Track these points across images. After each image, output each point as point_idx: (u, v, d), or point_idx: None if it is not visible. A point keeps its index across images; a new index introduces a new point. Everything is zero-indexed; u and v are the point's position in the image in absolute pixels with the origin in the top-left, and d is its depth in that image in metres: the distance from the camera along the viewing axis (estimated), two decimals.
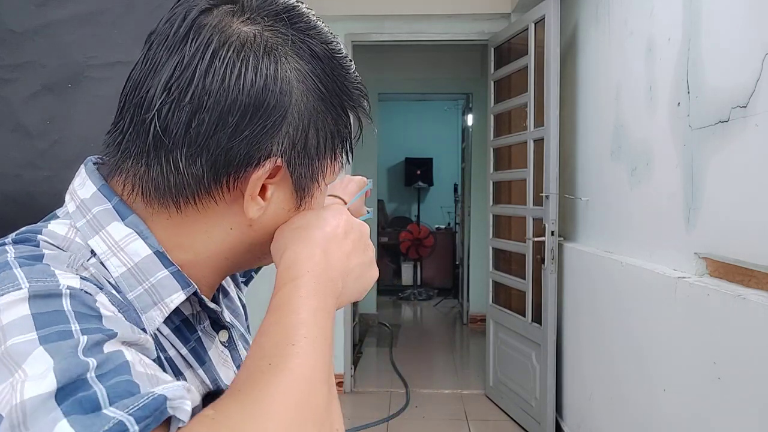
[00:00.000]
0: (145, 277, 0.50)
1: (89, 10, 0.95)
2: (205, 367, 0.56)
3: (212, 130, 0.48)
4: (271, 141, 0.50)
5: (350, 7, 3.73)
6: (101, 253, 0.50)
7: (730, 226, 1.58)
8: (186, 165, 0.49)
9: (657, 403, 1.91)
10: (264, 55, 0.49)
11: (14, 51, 0.93)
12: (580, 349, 2.77)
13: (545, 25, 2.94)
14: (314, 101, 0.52)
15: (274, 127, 0.50)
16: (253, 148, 0.49)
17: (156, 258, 0.51)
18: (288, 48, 0.51)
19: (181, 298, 0.52)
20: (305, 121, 0.51)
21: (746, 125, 1.50)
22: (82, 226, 0.51)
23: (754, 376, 1.40)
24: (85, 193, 0.52)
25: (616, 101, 2.42)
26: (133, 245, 0.50)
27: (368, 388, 3.94)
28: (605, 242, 2.54)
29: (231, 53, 0.48)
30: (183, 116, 0.48)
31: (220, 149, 0.48)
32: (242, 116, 0.48)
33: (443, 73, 5.61)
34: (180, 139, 0.48)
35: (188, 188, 0.50)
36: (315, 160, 0.54)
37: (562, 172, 3.00)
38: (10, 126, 0.93)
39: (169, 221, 0.52)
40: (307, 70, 0.51)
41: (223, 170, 0.49)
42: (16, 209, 0.94)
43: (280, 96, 0.49)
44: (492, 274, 3.69)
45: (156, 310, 0.50)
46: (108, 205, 0.51)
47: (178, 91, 0.48)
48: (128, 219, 0.51)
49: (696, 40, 1.76)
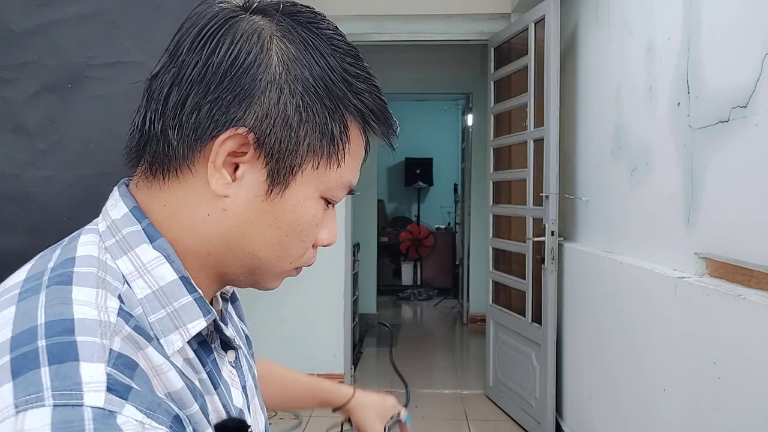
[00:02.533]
0: (168, 301, 0.51)
1: (89, 10, 0.95)
2: (219, 392, 0.56)
3: (184, 98, 0.50)
4: (239, 108, 0.50)
5: (350, 7, 3.74)
6: (128, 274, 0.50)
7: (730, 226, 1.58)
8: (171, 137, 0.51)
9: (657, 403, 1.91)
10: (247, 31, 0.51)
11: (14, 51, 0.93)
12: (580, 349, 2.77)
13: (545, 25, 2.94)
14: (302, 89, 0.51)
15: (243, 95, 0.50)
16: (218, 112, 0.50)
17: (181, 283, 0.52)
18: (277, 32, 0.52)
19: (202, 324, 0.52)
20: (286, 104, 0.51)
21: (746, 125, 1.50)
22: (110, 246, 0.52)
23: (754, 376, 1.40)
24: (117, 214, 0.53)
25: (616, 101, 2.42)
26: (160, 269, 0.51)
27: (368, 388, 3.93)
28: (605, 242, 2.54)
29: (212, 28, 0.51)
30: (167, 78, 0.51)
31: (192, 112, 0.50)
32: (215, 83, 0.50)
33: (443, 73, 5.61)
34: (166, 105, 0.51)
35: (171, 158, 0.52)
36: (293, 149, 0.52)
37: (562, 172, 3.00)
38: (10, 126, 0.93)
39: (165, 208, 0.54)
40: (296, 55, 0.52)
41: (193, 134, 0.51)
42: (16, 209, 0.95)
43: (254, 65, 0.50)
44: (492, 274, 3.69)
45: (176, 335, 0.51)
46: (138, 227, 0.52)
47: (170, 58, 0.52)
48: (157, 242, 0.52)
49: (696, 40, 1.76)
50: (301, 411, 3.49)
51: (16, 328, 0.44)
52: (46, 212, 0.99)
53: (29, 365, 0.41)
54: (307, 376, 1.04)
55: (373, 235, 5.65)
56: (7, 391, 0.40)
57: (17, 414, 0.39)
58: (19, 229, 0.95)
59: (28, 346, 0.43)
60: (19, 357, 0.42)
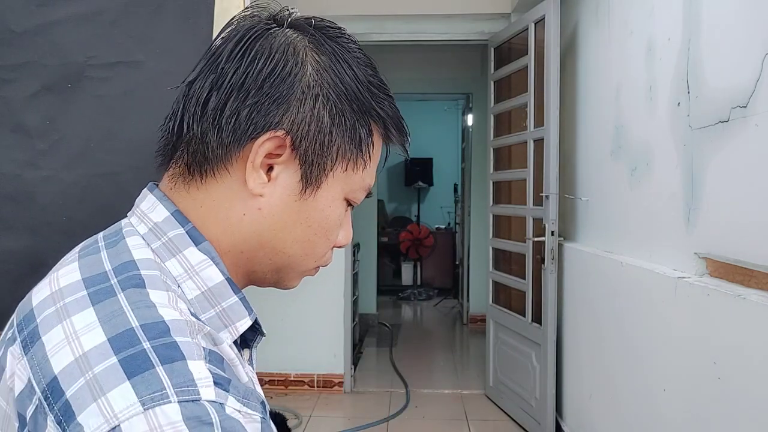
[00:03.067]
0: (217, 301, 0.54)
1: (89, 10, 0.95)
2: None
3: (224, 102, 0.53)
4: (276, 112, 0.53)
5: (350, 7, 3.74)
6: (177, 276, 0.53)
7: (730, 226, 1.59)
8: (211, 138, 0.54)
9: (657, 403, 1.91)
10: (283, 43, 0.55)
11: (14, 51, 0.93)
12: (580, 349, 2.77)
13: (545, 25, 2.94)
14: (335, 96, 0.55)
15: (281, 101, 0.53)
16: (258, 116, 0.53)
17: (227, 284, 0.54)
18: (309, 43, 0.56)
19: (247, 323, 0.55)
20: (320, 109, 0.55)
21: (746, 125, 1.50)
22: (158, 248, 0.53)
23: (754, 376, 1.40)
24: (157, 217, 0.55)
25: (616, 101, 2.42)
26: (208, 270, 0.54)
27: (368, 388, 3.94)
28: (605, 242, 2.54)
29: (250, 39, 0.54)
30: (205, 84, 0.54)
31: (232, 116, 0.53)
32: (255, 88, 0.53)
33: (443, 73, 5.61)
34: (205, 110, 0.54)
35: (210, 159, 0.54)
36: (326, 151, 0.56)
37: (562, 172, 3.00)
38: (10, 126, 0.93)
39: (202, 209, 0.55)
40: (328, 66, 0.55)
41: (232, 136, 0.53)
42: (16, 209, 0.95)
43: (291, 74, 0.54)
44: (492, 274, 3.69)
45: (226, 333, 0.54)
46: (181, 230, 0.54)
47: (207, 67, 0.55)
48: (201, 245, 0.54)
49: (696, 40, 1.76)
50: (301, 411, 3.49)
51: (109, 331, 0.45)
52: (46, 212, 0.99)
53: (143, 366, 0.43)
54: None
55: (373, 235, 5.65)
56: (127, 390, 0.41)
57: (146, 411, 0.40)
58: (19, 228, 0.95)
59: (134, 348, 0.44)
60: (129, 358, 0.43)
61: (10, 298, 0.60)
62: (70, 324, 0.46)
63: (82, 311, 0.47)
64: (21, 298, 0.53)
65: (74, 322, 0.46)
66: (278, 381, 3.86)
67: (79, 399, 0.42)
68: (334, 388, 3.85)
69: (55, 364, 0.44)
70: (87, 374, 0.42)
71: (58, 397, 0.42)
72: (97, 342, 0.44)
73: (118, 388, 0.41)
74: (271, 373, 3.84)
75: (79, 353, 0.44)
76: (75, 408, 0.41)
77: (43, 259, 0.94)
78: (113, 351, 0.43)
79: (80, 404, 0.41)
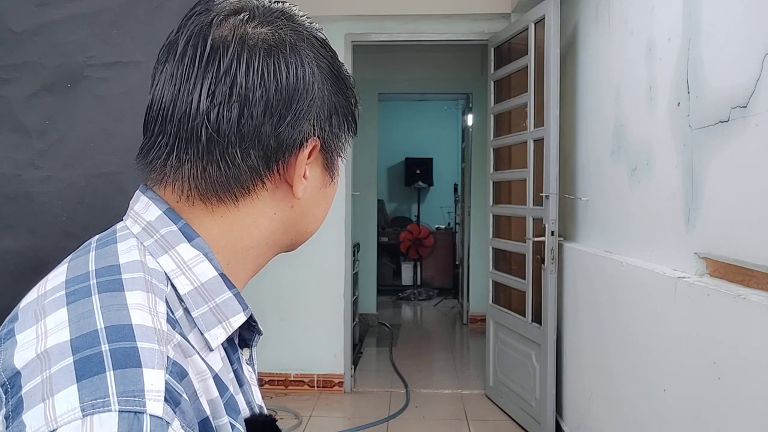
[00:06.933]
0: (210, 296, 0.54)
1: (89, 10, 0.95)
2: (244, 389, 0.58)
3: (260, 122, 0.54)
4: (307, 123, 0.56)
5: (350, 7, 3.74)
6: (170, 271, 0.53)
7: (730, 226, 1.58)
8: (241, 158, 0.54)
9: (657, 403, 1.91)
10: (290, 51, 0.55)
11: (14, 51, 0.93)
12: (580, 349, 2.77)
13: (545, 25, 2.94)
14: (330, 84, 0.59)
15: (308, 111, 0.56)
16: (295, 132, 0.56)
17: (221, 280, 0.55)
18: (303, 42, 0.57)
19: (242, 319, 0.55)
20: (327, 102, 0.58)
21: (746, 125, 1.50)
22: (150, 246, 0.54)
23: (754, 376, 1.40)
24: (150, 216, 0.55)
25: (616, 101, 2.42)
26: (201, 266, 0.54)
27: (368, 388, 3.94)
28: (605, 242, 2.54)
29: (263, 54, 0.54)
30: (233, 114, 0.53)
31: (270, 137, 0.54)
32: (283, 105, 0.54)
33: (443, 73, 5.61)
34: (233, 135, 0.53)
35: (245, 179, 0.55)
36: (339, 137, 0.61)
37: (562, 172, 3.00)
38: (10, 126, 0.93)
39: (223, 219, 0.56)
40: (319, 58, 0.58)
41: (274, 156, 0.55)
42: (16, 209, 0.95)
43: (307, 83, 0.56)
44: (492, 274, 3.69)
45: (219, 329, 0.54)
46: (174, 227, 0.55)
47: (223, 95, 0.53)
48: (194, 241, 0.55)
49: (696, 40, 1.76)
50: (301, 411, 3.49)
51: (74, 331, 0.45)
52: (46, 212, 0.99)
53: (94, 369, 0.42)
54: None
55: (373, 235, 5.65)
56: (72, 393, 0.41)
57: (84, 418, 0.40)
58: (18, 228, 0.95)
59: (91, 349, 0.43)
60: (83, 360, 0.42)
61: (9, 298, 0.60)
62: (43, 323, 0.46)
63: (56, 311, 0.47)
64: (20, 297, 0.53)
65: (47, 322, 0.46)
66: (278, 381, 3.86)
67: (31, 397, 0.41)
68: (334, 388, 3.85)
69: (18, 360, 0.44)
70: (44, 373, 0.42)
71: (16, 392, 0.42)
72: (60, 341, 0.44)
73: (65, 390, 0.41)
74: (271, 373, 3.84)
75: (42, 351, 0.44)
76: (25, 405, 0.41)
77: (42, 258, 0.94)
78: (72, 351, 0.43)
79: (30, 402, 0.41)
